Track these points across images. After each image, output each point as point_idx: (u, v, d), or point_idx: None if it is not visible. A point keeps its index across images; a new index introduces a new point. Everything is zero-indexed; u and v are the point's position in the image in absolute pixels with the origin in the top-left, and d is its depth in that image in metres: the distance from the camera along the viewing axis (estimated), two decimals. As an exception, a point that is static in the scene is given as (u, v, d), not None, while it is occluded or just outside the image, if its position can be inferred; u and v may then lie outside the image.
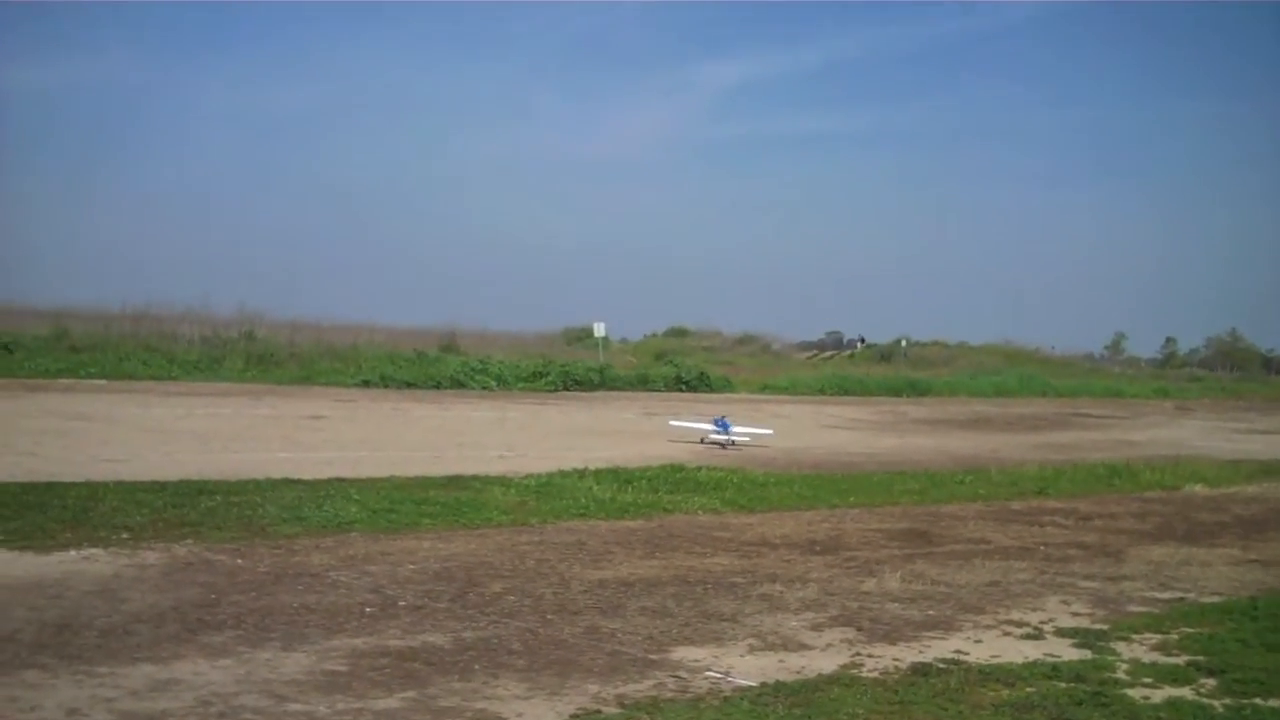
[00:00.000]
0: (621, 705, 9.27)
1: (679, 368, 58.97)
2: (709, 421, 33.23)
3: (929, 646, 11.65)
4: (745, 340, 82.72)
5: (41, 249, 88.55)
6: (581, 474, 22.32)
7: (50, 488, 17.74)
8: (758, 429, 33.74)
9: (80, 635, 10.50)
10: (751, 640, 11.60)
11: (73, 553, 13.89)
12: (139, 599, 11.91)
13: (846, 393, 60.86)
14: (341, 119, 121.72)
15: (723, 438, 31.79)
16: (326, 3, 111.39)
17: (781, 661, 10.88)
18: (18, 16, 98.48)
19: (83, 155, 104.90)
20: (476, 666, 10.20)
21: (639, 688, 9.79)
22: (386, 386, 46.51)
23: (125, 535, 14.98)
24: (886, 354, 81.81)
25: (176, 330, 49.80)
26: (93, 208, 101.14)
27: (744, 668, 10.56)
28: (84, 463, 20.92)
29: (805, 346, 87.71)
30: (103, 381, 40.81)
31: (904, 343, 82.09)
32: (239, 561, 13.95)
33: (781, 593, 13.77)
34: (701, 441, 31.70)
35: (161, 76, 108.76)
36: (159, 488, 18.25)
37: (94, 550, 14.07)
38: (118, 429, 27.63)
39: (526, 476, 21.65)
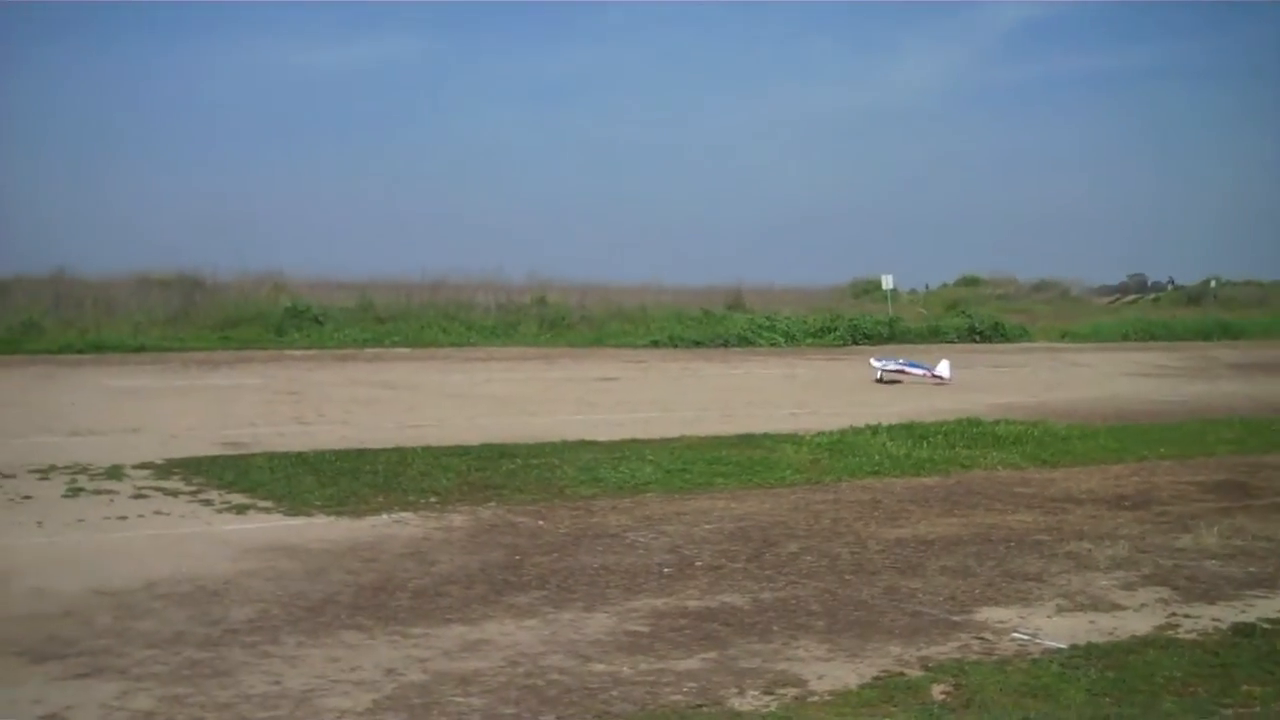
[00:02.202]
0: (925, 667, 9.07)
1: (972, 318, 57.44)
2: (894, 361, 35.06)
3: (1252, 606, 11.02)
4: (1042, 286, 79.69)
5: (346, 225, 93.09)
6: (874, 430, 21.99)
7: (361, 454, 18.62)
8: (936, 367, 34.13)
9: (394, 597, 10.96)
10: (1059, 600, 11.20)
11: (385, 516, 14.53)
12: (448, 560, 12.36)
13: (1152, 338, 58.20)
14: (617, 81, 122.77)
15: (893, 369, 33.87)
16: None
17: (1092, 622, 10.46)
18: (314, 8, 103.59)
19: (379, 133, 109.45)
20: (775, 627, 10.16)
21: (943, 649, 9.57)
22: (675, 346, 47.02)
23: (433, 499, 15.58)
24: (1194, 295, 77.58)
25: (473, 298, 51.57)
26: (393, 182, 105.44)
27: (1052, 629, 10.20)
28: (392, 429, 21.89)
29: (1106, 290, 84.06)
30: (406, 350, 42.63)
31: (1214, 283, 77.64)
32: (540, 523, 14.32)
33: (1089, 550, 13.24)
34: (880, 379, 33.45)
35: (445, 50, 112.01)
36: (463, 451, 18.92)
37: (404, 514, 14.68)
38: (421, 395, 28.80)
39: (818, 434, 21.48)
